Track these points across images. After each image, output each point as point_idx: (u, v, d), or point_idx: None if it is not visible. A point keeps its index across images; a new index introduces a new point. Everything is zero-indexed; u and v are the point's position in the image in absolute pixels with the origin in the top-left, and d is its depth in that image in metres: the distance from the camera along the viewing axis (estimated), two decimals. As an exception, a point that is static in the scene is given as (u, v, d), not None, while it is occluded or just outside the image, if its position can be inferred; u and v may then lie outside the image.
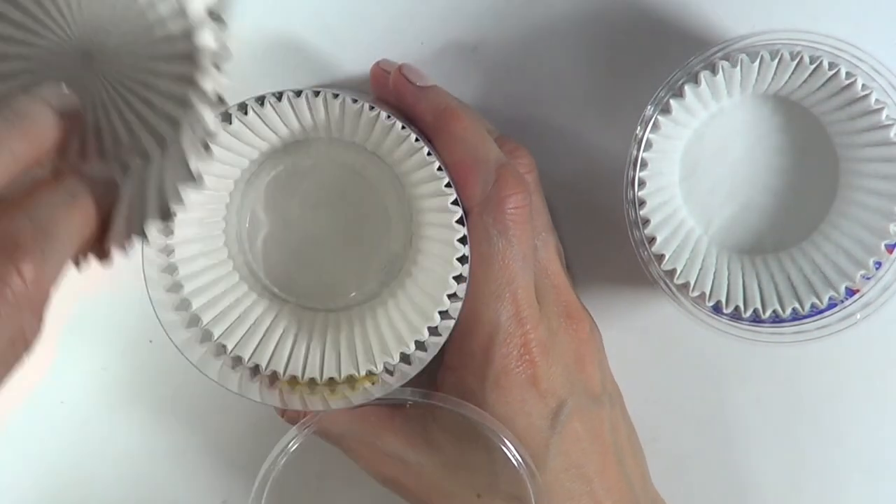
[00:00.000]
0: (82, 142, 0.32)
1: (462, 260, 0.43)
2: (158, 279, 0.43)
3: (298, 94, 0.43)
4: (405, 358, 0.44)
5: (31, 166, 0.30)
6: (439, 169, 0.43)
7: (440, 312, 0.44)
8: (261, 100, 0.43)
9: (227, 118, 0.43)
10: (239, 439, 0.52)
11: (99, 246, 0.32)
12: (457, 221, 0.43)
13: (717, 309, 0.47)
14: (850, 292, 0.47)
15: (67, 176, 0.31)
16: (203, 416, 0.51)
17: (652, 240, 0.46)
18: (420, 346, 0.44)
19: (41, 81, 0.31)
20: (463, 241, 0.43)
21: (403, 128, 0.43)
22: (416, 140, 0.43)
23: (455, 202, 0.43)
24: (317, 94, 0.43)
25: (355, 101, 0.43)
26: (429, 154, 0.43)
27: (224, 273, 0.45)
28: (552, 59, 0.50)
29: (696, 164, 0.48)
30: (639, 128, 0.46)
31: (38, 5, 0.31)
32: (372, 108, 0.43)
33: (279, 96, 0.43)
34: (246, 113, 0.43)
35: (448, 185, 0.43)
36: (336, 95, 0.43)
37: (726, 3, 0.50)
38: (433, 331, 0.44)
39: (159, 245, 0.43)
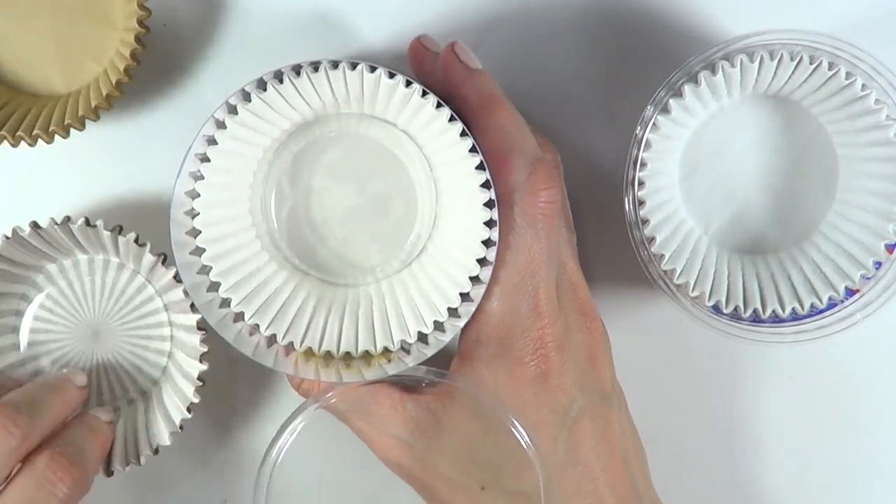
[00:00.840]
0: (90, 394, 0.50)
1: (487, 243, 0.43)
2: (183, 241, 0.43)
3: (336, 65, 0.42)
4: (423, 338, 0.44)
5: (66, 417, 0.47)
6: (472, 149, 0.43)
7: (461, 295, 0.44)
8: (297, 69, 0.43)
9: (261, 85, 0.43)
10: (240, 440, 0.52)
11: (106, 466, 0.47)
12: (485, 204, 0.43)
13: (716, 309, 0.47)
14: (850, 292, 0.47)
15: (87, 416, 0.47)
16: (203, 416, 0.51)
17: (652, 240, 0.46)
18: (438, 326, 0.44)
19: (69, 352, 0.50)
20: (489, 224, 0.43)
21: (439, 105, 0.43)
22: (451, 119, 0.43)
23: (484, 185, 0.43)
24: (354, 66, 0.42)
25: (392, 75, 0.42)
26: (463, 133, 0.43)
27: (246, 241, 0.45)
28: (552, 60, 0.51)
29: (696, 164, 0.48)
30: (638, 128, 0.46)
31: (77, 306, 0.50)
32: (409, 83, 0.43)
33: (316, 66, 0.42)
34: (281, 81, 0.43)
35: (480, 167, 0.43)
36: (373, 69, 0.42)
37: (726, 3, 0.50)
38: (453, 312, 0.44)
39: (185, 207, 0.43)
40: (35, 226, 0.47)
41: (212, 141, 0.43)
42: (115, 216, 0.50)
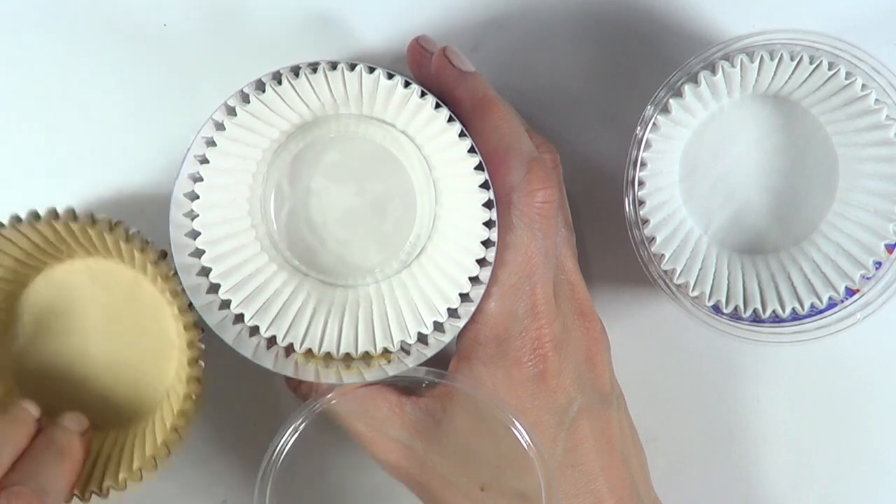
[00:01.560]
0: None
1: (486, 244, 0.44)
2: (183, 243, 0.43)
3: (334, 66, 0.43)
4: (422, 338, 0.45)
5: (24, 445, 0.43)
6: (471, 150, 0.43)
7: (461, 295, 0.44)
8: (295, 70, 0.43)
9: (260, 87, 0.43)
10: (238, 440, 0.52)
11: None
12: (484, 204, 0.43)
13: (716, 309, 0.47)
14: (850, 292, 0.47)
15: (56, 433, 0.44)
16: (203, 416, 0.51)
17: (652, 240, 0.46)
18: (438, 327, 0.44)
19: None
20: (488, 224, 0.43)
21: (438, 106, 0.43)
22: (450, 119, 0.43)
23: (483, 185, 0.43)
24: (352, 67, 0.42)
25: (391, 76, 0.42)
26: (461, 134, 0.43)
27: (245, 242, 0.45)
28: (552, 60, 0.51)
29: (696, 164, 0.48)
30: (638, 128, 0.46)
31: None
32: (407, 84, 0.43)
33: (314, 68, 0.43)
34: (280, 83, 0.43)
35: (478, 167, 0.43)
36: (372, 70, 0.42)
37: (726, 3, 0.50)
38: (452, 313, 0.44)
39: (185, 209, 0.43)
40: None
41: (210, 143, 0.43)
42: (116, 214, 0.50)
